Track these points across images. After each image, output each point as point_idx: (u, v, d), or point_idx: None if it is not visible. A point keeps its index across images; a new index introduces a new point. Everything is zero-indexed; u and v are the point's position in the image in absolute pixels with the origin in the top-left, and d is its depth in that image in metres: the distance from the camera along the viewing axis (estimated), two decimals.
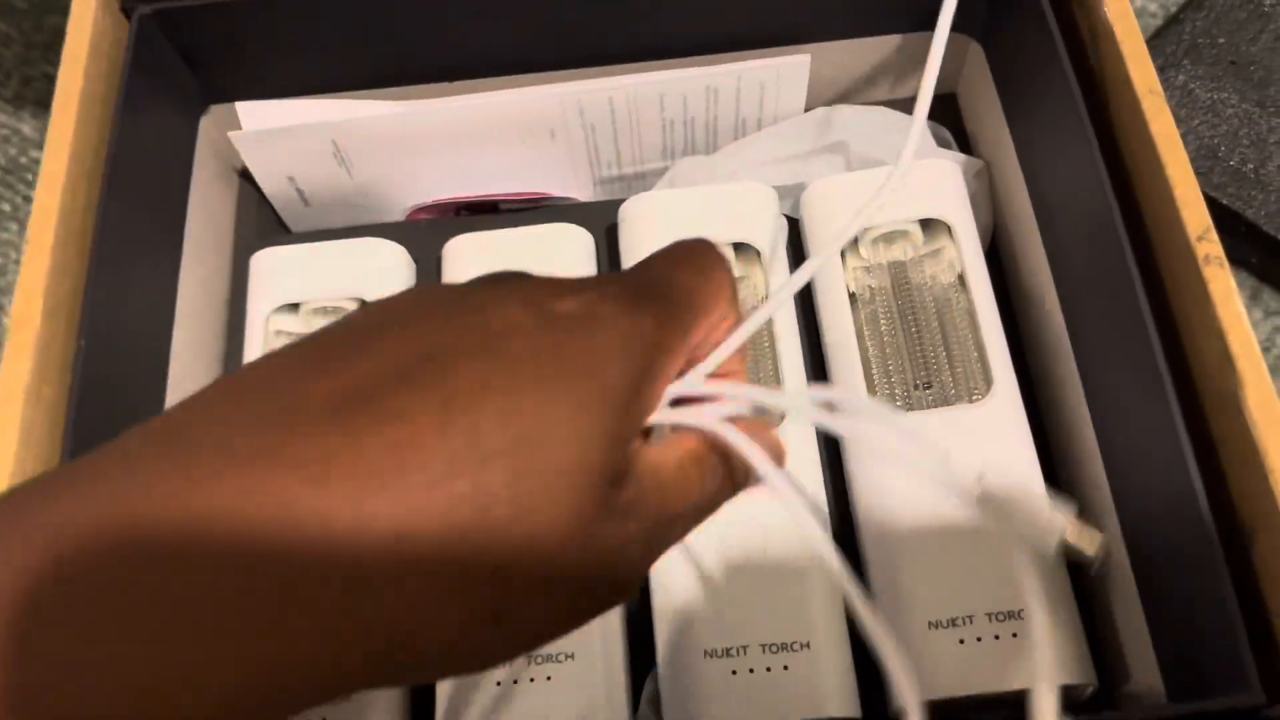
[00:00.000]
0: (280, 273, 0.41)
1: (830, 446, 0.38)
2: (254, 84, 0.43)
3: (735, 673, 0.33)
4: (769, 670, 0.33)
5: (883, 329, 0.39)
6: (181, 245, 0.42)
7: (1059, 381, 0.38)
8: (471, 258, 0.41)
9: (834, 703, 0.33)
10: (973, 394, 0.37)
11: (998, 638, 0.32)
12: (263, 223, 0.47)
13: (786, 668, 0.33)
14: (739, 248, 0.41)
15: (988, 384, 0.37)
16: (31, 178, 0.54)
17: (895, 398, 0.38)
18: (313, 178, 0.45)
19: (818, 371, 0.40)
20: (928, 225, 0.40)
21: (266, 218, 0.47)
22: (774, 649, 0.33)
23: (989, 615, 0.33)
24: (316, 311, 0.41)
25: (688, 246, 0.23)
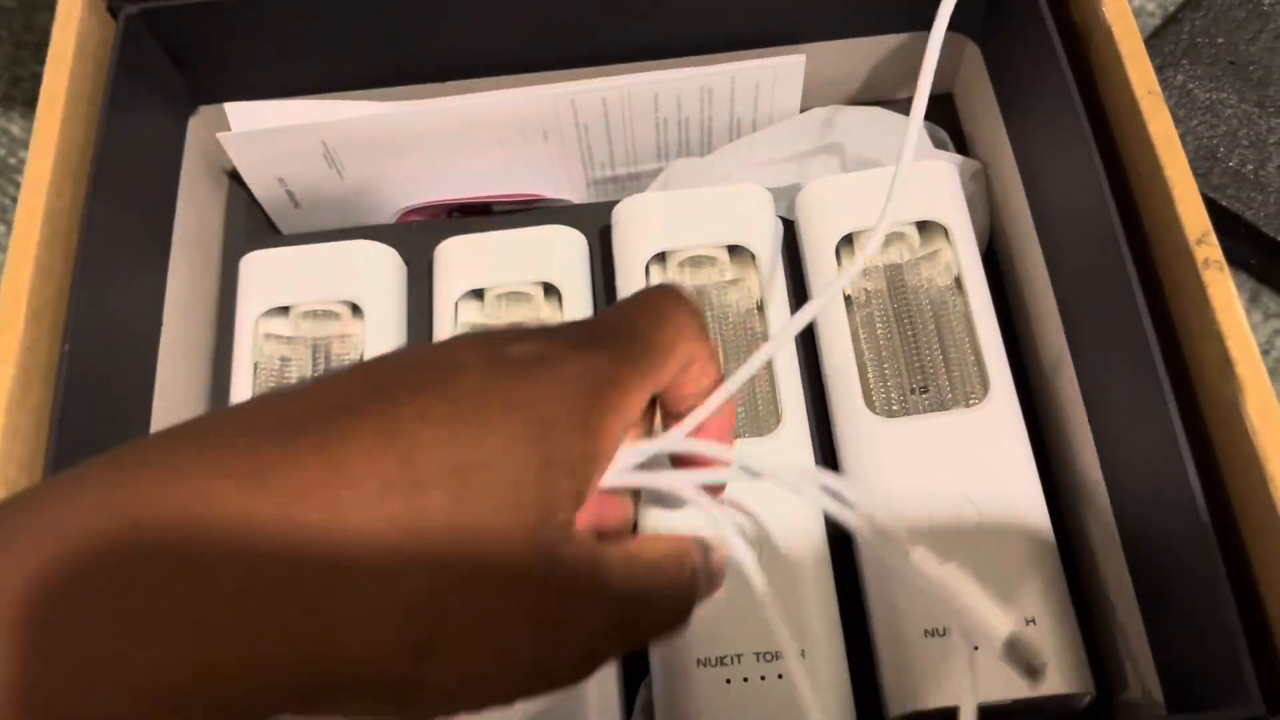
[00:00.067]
0: (270, 275, 0.41)
1: (828, 454, 0.38)
2: (243, 85, 0.42)
3: (729, 681, 0.33)
4: (763, 679, 0.33)
5: (879, 332, 0.39)
6: (169, 248, 0.41)
7: (1056, 386, 0.38)
8: (463, 260, 0.41)
9: (828, 713, 0.32)
10: (969, 398, 0.37)
11: None
12: (252, 224, 0.47)
13: (780, 676, 0.32)
14: (734, 250, 0.40)
15: (985, 388, 0.36)
16: (21, 179, 0.54)
17: (891, 402, 0.37)
18: (303, 179, 0.44)
19: (814, 373, 0.39)
20: (924, 227, 0.40)
21: (256, 219, 0.47)
22: (767, 658, 0.33)
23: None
24: (307, 315, 0.41)
25: (647, 292, 0.24)
